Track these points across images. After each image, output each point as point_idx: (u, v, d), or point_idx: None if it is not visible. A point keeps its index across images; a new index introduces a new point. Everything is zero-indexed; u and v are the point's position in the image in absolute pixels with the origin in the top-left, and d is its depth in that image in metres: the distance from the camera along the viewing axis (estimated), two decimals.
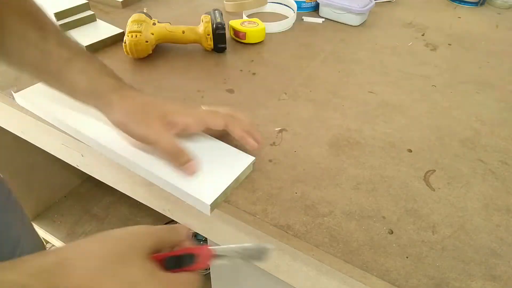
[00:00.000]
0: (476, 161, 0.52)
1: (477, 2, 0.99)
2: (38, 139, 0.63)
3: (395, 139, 0.55)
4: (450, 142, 0.55)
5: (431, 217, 0.44)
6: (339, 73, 0.69)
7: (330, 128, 0.56)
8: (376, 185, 0.48)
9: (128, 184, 0.55)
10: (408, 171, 0.50)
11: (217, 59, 0.72)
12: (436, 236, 0.42)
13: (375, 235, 0.42)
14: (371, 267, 0.39)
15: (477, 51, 0.79)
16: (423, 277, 0.38)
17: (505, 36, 0.85)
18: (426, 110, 0.61)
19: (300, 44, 0.78)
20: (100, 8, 0.87)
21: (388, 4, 0.99)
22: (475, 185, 0.49)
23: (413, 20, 0.90)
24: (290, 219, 0.43)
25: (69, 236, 1.11)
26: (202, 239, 1.02)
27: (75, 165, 0.61)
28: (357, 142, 0.54)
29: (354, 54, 0.76)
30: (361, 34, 0.83)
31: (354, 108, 0.61)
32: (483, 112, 0.62)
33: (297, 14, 0.87)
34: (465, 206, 0.46)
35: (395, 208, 0.45)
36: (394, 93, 0.65)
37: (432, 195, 0.47)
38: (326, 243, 0.41)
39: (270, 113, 0.59)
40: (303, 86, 0.65)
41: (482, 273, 0.39)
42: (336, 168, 0.50)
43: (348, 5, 0.83)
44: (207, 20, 0.70)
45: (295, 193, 0.46)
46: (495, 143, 0.55)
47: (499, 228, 0.43)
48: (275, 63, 0.72)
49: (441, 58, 0.76)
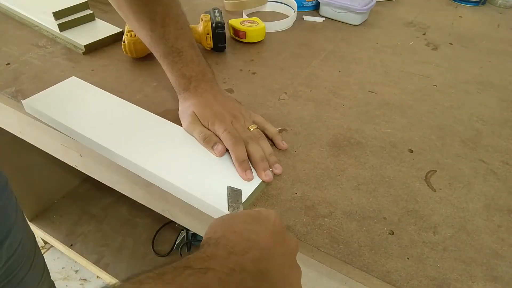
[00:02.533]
0: (478, 161, 0.52)
1: (478, 2, 0.99)
2: (37, 139, 0.63)
3: (396, 139, 0.55)
4: (451, 142, 0.55)
5: (432, 218, 0.44)
6: (340, 73, 0.69)
7: (330, 128, 0.56)
8: (377, 185, 0.47)
9: (127, 185, 0.55)
10: (409, 172, 0.50)
11: (217, 58, 0.72)
12: (437, 237, 0.42)
13: (376, 236, 0.42)
14: (372, 268, 0.39)
15: (478, 50, 0.79)
16: (424, 278, 0.38)
17: (507, 36, 0.85)
18: (427, 110, 0.61)
19: (300, 44, 0.78)
20: (99, 7, 0.87)
21: (389, 3, 0.98)
22: (477, 186, 0.48)
23: (414, 20, 0.90)
24: (290, 220, 0.43)
25: (68, 237, 1.11)
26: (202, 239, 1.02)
27: (73, 165, 0.61)
28: (357, 142, 0.54)
29: (355, 53, 0.75)
30: (361, 33, 0.83)
31: (355, 108, 0.61)
32: (484, 112, 0.61)
33: (297, 13, 0.87)
34: (466, 207, 0.45)
35: (396, 209, 0.45)
36: (395, 93, 0.64)
37: (433, 195, 0.47)
38: (327, 244, 0.40)
39: (270, 113, 0.59)
40: (304, 86, 0.65)
41: (483, 274, 0.39)
42: (337, 168, 0.50)
43: (348, 4, 0.83)
44: (206, 19, 0.70)
45: (295, 193, 0.46)
46: (497, 143, 0.55)
47: (501, 229, 0.43)
48: (275, 62, 0.71)
49: (442, 58, 0.75)
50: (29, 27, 0.79)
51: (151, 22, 0.51)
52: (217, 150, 0.48)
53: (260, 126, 0.53)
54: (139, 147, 0.50)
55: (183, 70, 0.53)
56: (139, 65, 0.69)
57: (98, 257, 1.06)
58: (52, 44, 0.74)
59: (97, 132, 0.51)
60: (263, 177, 0.46)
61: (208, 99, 0.53)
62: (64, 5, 0.75)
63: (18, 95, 0.60)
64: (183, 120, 0.54)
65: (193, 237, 1.05)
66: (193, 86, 0.54)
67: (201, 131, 0.50)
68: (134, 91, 0.62)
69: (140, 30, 0.53)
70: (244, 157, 0.47)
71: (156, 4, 0.51)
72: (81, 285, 1.17)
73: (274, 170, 0.48)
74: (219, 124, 0.50)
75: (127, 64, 0.69)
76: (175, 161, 0.48)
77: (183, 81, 0.54)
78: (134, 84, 0.64)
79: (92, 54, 0.71)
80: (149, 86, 0.63)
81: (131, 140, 0.50)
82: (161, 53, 0.53)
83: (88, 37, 0.72)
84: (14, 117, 0.61)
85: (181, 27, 0.53)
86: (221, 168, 0.47)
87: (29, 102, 0.56)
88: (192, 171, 0.47)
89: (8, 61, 0.68)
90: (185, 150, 0.50)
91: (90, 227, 1.14)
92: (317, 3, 0.89)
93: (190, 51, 0.54)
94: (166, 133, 0.52)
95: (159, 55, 0.54)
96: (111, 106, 0.56)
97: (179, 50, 0.53)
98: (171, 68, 0.54)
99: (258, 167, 0.47)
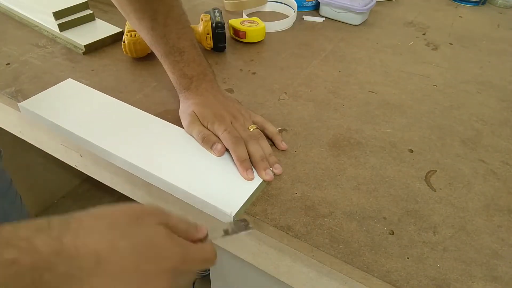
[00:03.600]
0: (478, 161, 0.52)
1: (478, 2, 0.99)
2: (37, 139, 0.63)
3: (396, 139, 0.55)
4: (451, 142, 0.55)
5: (432, 218, 0.44)
6: (340, 73, 0.69)
7: (330, 128, 0.56)
8: (377, 185, 0.47)
9: (127, 185, 0.55)
10: (409, 172, 0.50)
11: (217, 58, 0.72)
12: (437, 237, 0.42)
13: (376, 236, 0.42)
14: (372, 268, 0.39)
15: (478, 50, 0.79)
16: (424, 278, 0.38)
17: (507, 36, 0.85)
18: (427, 110, 0.61)
19: (300, 44, 0.78)
20: (99, 7, 0.87)
21: (389, 3, 0.98)
22: (476, 186, 0.48)
23: (414, 19, 0.90)
24: (290, 220, 0.43)
25: None
26: None
27: (73, 165, 0.61)
28: (357, 142, 0.54)
29: (355, 53, 0.75)
30: (361, 33, 0.83)
31: (355, 108, 0.61)
32: (484, 112, 0.61)
33: (297, 13, 0.87)
34: (466, 207, 0.45)
35: (396, 209, 0.45)
36: (395, 93, 0.64)
37: (433, 195, 0.47)
38: (327, 244, 0.40)
39: (270, 113, 0.59)
40: (304, 86, 0.65)
41: (483, 274, 0.39)
42: (337, 168, 0.50)
43: (348, 4, 0.83)
44: (206, 19, 0.70)
45: (295, 193, 0.46)
46: (497, 143, 0.55)
47: (500, 229, 0.43)
48: (275, 62, 0.71)
49: (442, 58, 0.75)
50: (29, 27, 0.79)
51: (152, 21, 0.51)
52: (216, 149, 0.48)
53: (260, 126, 0.53)
54: (137, 147, 0.49)
55: (184, 69, 0.53)
56: (139, 65, 0.69)
57: None
58: (52, 44, 0.74)
59: (95, 133, 0.51)
60: (264, 176, 0.46)
61: (209, 98, 0.53)
62: (64, 5, 0.75)
63: (18, 95, 0.60)
64: (183, 120, 0.54)
65: None
66: (194, 85, 0.54)
67: (200, 130, 0.50)
68: (134, 91, 0.62)
69: (141, 29, 0.53)
70: (245, 157, 0.47)
71: (157, 3, 0.51)
72: None
73: (274, 170, 0.48)
74: (219, 124, 0.50)
75: (127, 64, 0.69)
76: (174, 161, 0.48)
77: (184, 81, 0.54)
78: (134, 84, 0.64)
79: (92, 54, 0.71)
80: (149, 86, 0.63)
81: (129, 141, 0.50)
82: (162, 53, 0.54)
83: (88, 37, 0.72)
84: (14, 117, 0.61)
85: (182, 26, 0.53)
86: (221, 167, 0.47)
87: (25, 105, 0.56)
88: (191, 171, 0.47)
89: (8, 61, 0.68)
90: (184, 150, 0.50)
91: None
92: (317, 3, 0.89)
93: (191, 51, 0.54)
94: (164, 133, 0.52)
95: (160, 54, 0.54)
96: (108, 107, 0.56)
97: (180, 50, 0.53)
98: (172, 68, 0.54)
99: (259, 167, 0.47)
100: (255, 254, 0.46)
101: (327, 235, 0.41)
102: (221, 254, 0.57)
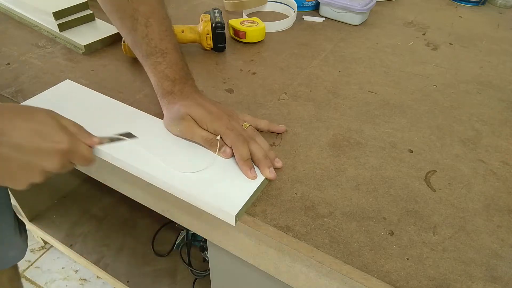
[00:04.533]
0: (477, 161, 0.52)
1: (478, 2, 0.99)
2: None
3: (395, 139, 0.55)
4: (451, 143, 0.55)
5: (431, 218, 0.44)
6: (340, 73, 0.69)
7: (330, 128, 0.56)
8: (377, 185, 0.47)
9: (127, 185, 0.55)
10: (408, 172, 0.50)
11: (217, 58, 0.72)
12: (436, 237, 0.42)
13: (376, 236, 0.42)
14: (372, 269, 0.39)
15: (478, 50, 0.79)
16: (424, 278, 0.38)
17: (506, 36, 0.85)
18: (427, 110, 0.61)
19: (300, 44, 0.78)
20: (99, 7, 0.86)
21: (389, 3, 0.98)
22: (476, 186, 0.48)
23: (414, 20, 0.90)
24: (289, 220, 0.43)
25: (68, 237, 1.11)
26: (202, 239, 1.02)
27: None
28: (357, 142, 0.54)
29: (355, 53, 0.75)
30: (361, 33, 0.83)
31: (355, 108, 0.61)
32: (484, 112, 0.61)
33: (297, 13, 0.87)
34: (466, 207, 0.45)
35: (395, 209, 0.45)
36: (394, 93, 0.64)
37: (433, 195, 0.47)
38: (326, 244, 0.41)
39: (270, 113, 0.59)
40: (303, 86, 0.65)
41: (483, 274, 0.39)
42: (336, 168, 0.50)
43: (348, 4, 0.83)
44: (206, 19, 0.70)
45: (295, 193, 0.46)
46: (496, 143, 0.55)
47: (500, 229, 0.43)
48: (275, 62, 0.71)
49: (442, 58, 0.75)
50: (29, 27, 0.79)
51: (133, 20, 0.50)
52: (225, 153, 0.48)
53: (252, 124, 0.52)
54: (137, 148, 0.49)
55: (166, 71, 0.52)
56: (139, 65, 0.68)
57: (98, 257, 1.06)
58: (52, 44, 0.74)
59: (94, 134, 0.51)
60: (267, 174, 0.46)
61: (198, 100, 0.52)
62: (64, 5, 0.75)
63: (18, 95, 0.60)
64: (175, 125, 0.51)
65: (193, 237, 1.05)
66: (177, 89, 0.52)
67: (202, 135, 0.49)
68: (134, 91, 0.62)
69: (123, 28, 0.52)
70: (248, 156, 0.47)
71: (138, 3, 0.50)
72: (81, 285, 1.17)
73: (276, 164, 0.48)
74: (219, 123, 0.49)
75: (127, 64, 0.69)
76: (174, 161, 0.48)
77: (167, 83, 0.52)
78: (134, 84, 0.64)
79: (92, 54, 0.71)
80: (149, 86, 0.63)
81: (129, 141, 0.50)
82: (144, 53, 0.52)
83: (88, 37, 0.72)
84: None
85: (165, 29, 0.52)
86: (221, 167, 0.47)
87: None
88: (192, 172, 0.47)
89: (8, 61, 0.68)
90: (183, 151, 0.50)
91: (90, 227, 1.14)
92: (317, 3, 0.89)
93: (174, 54, 0.52)
94: (164, 133, 0.52)
95: (141, 55, 0.52)
96: (107, 108, 0.56)
97: (163, 51, 0.51)
98: (154, 69, 0.52)
99: (262, 165, 0.46)
100: (255, 254, 0.46)
101: (326, 235, 0.41)
102: (221, 254, 0.57)
